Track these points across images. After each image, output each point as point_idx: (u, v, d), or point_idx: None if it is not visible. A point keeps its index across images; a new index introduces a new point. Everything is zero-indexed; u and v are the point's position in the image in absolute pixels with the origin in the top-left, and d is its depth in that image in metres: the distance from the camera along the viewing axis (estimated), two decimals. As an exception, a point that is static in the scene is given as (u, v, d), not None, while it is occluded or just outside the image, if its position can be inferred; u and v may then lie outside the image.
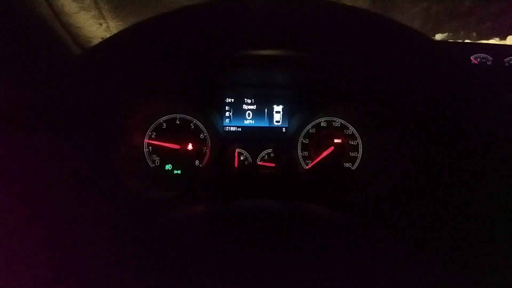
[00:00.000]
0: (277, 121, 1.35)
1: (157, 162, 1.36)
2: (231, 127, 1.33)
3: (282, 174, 1.27)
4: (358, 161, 1.40)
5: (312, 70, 0.89)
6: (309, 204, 0.97)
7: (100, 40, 0.68)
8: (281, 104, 1.33)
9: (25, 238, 0.56)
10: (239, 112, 1.34)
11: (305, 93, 1.27)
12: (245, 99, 1.33)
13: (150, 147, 1.35)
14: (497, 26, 1.95)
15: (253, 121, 1.34)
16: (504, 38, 1.89)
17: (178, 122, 1.36)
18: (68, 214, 0.66)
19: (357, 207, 1.07)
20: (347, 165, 1.40)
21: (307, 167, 1.38)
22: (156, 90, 1.10)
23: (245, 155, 1.34)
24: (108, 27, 1.34)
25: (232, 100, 1.33)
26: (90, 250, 0.57)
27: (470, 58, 1.26)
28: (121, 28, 0.60)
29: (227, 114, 1.33)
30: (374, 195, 1.10)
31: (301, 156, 1.39)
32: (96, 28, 1.27)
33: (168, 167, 1.37)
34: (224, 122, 1.32)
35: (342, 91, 1.16)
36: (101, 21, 1.30)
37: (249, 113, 1.35)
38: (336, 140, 1.39)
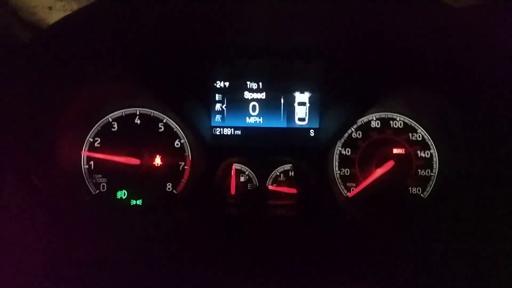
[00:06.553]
0: (300, 119, 1.11)
1: (103, 186, 1.11)
2: (225, 129, 1.10)
3: (308, 206, 1.09)
4: (432, 183, 1.16)
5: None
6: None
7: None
8: (307, 90, 1.09)
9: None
10: (237, 104, 1.10)
11: (349, 72, 1.06)
12: (248, 82, 1.08)
13: (92, 163, 1.11)
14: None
15: (260, 119, 1.10)
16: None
17: (138, 122, 1.12)
18: None
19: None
20: (414, 190, 1.16)
21: (349, 195, 1.16)
22: (99, 67, 0.96)
23: (247, 175, 1.14)
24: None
25: (226, 83, 1.08)
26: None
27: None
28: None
29: (217, 107, 1.09)
30: (463, 245, 0.93)
31: (339, 176, 1.16)
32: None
33: (122, 194, 1.11)
34: (213, 120, 1.10)
35: (413, 68, 0.99)
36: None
37: (254, 106, 1.09)
38: (396, 150, 1.14)
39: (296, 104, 1.09)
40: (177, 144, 1.13)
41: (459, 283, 0.86)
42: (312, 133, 1.10)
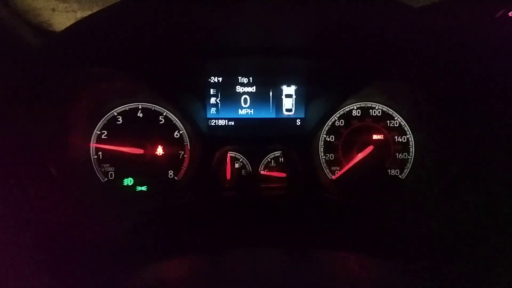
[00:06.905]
0: (287, 110, 1.13)
1: (111, 174, 1.13)
2: (219, 120, 1.12)
3: (296, 188, 1.12)
4: (409, 165, 1.19)
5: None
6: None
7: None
8: (293, 83, 1.12)
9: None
10: (230, 98, 1.11)
11: (330, 66, 1.07)
12: (239, 77, 1.11)
13: (100, 153, 1.13)
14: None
15: (251, 111, 1.12)
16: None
17: (141, 115, 1.14)
18: None
19: (410, 238, 0.93)
20: (393, 172, 1.20)
21: (333, 177, 1.19)
22: (105, 65, 0.95)
23: (241, 162, 1.16)
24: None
25: (220, 79, 1.10)
26: None
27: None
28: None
29: (212, 100, 1.11)
30: (437, 220, 0.96)
31: (324, 160, 1.19)
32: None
33: (128, 181, 1.14)
34: (208, 112, 1.12)
35: (386, 62, 1.00)
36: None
37: (245, 99, 1.11)
38: (376, 136, 1.17)
39: (283, 97, 1.11)
40: (177, 135, 1.14)
41: (432, 252, 0.88)
42: (298, 122, 1.12)
